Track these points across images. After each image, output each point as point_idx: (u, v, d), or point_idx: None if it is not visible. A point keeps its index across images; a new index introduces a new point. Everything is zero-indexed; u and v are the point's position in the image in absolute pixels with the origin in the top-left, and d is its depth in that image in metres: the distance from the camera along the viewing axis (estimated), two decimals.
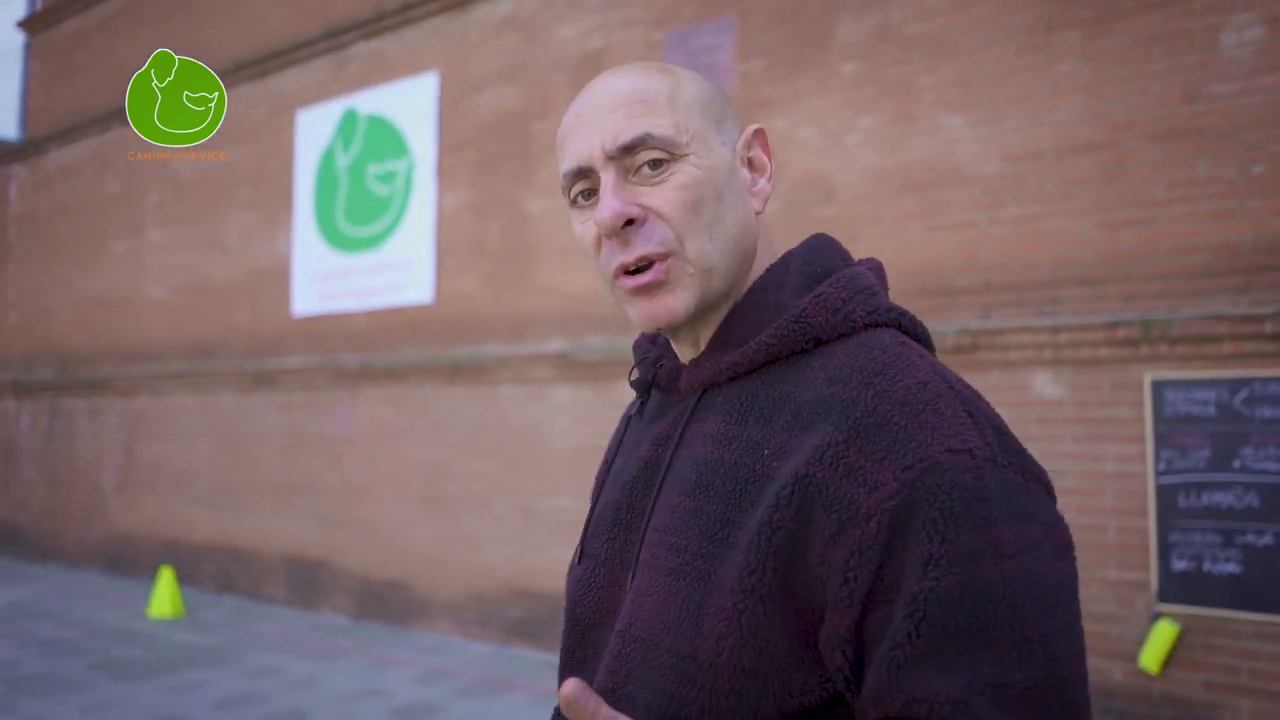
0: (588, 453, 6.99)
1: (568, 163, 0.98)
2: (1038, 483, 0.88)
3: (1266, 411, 4.55)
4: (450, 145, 8.23)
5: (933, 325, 5.64)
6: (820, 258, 1.03)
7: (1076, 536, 3.85)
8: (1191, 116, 5.06)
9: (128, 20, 11.54)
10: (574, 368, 7.06)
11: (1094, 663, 5.00)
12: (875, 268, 1.07)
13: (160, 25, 11.07)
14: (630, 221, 0.94)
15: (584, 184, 0.98)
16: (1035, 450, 3.73)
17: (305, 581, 8.71)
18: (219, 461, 9.62)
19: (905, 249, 5.87)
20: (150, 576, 10.07)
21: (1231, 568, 4.60)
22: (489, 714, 5.74)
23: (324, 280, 9.13)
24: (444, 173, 8.27)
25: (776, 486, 0.87)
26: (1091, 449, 5.06)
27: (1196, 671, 4.74)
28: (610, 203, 0.94)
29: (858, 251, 4.67)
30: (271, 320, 9.46)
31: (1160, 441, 4.81)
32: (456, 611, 7.62)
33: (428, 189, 8.39)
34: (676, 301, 0.96)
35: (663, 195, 0.95)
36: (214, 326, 9.99)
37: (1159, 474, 4.81)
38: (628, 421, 1.14)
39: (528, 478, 7.28)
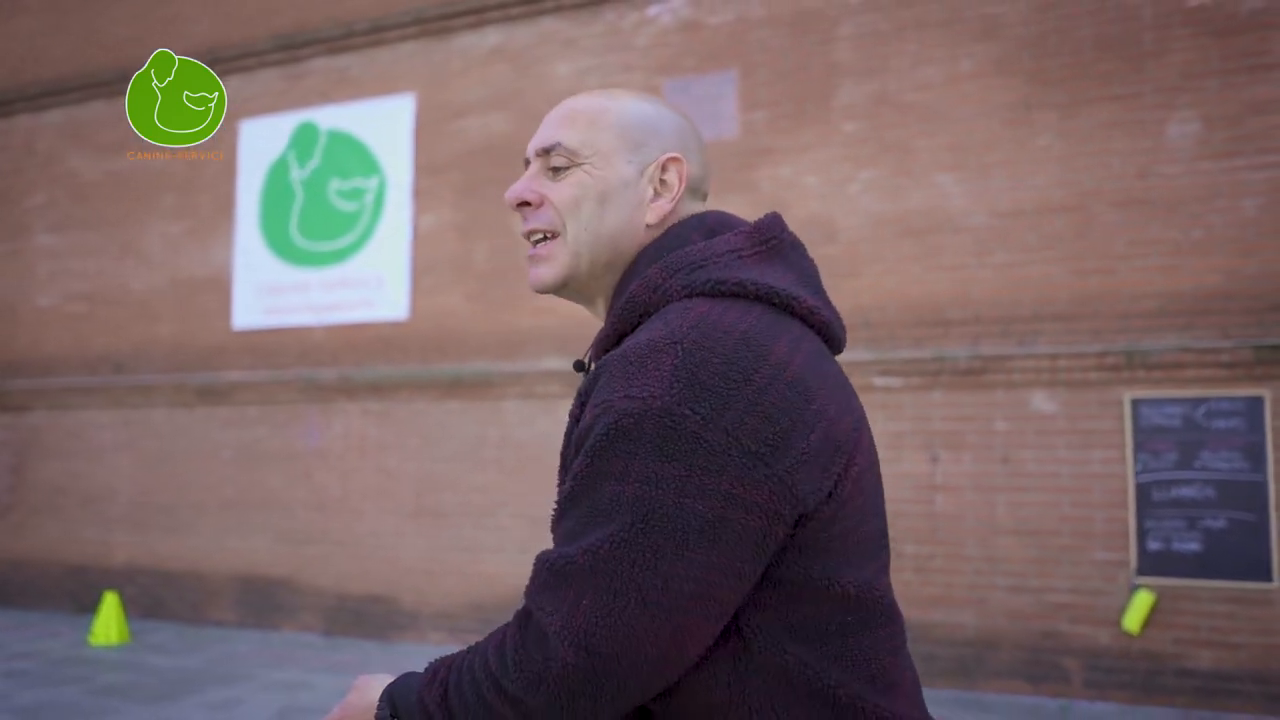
0: None
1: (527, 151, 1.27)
2: (724, 435, 0.97)
3: (1221, 423, 5.85)
4: (429, 167, 8.44)
5: (936, 351, 6.64)
6: (667, 242, 1.18)
7: (1068, 527, 5.44)
8: (1145, 189, 6.36)
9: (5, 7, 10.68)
10: None
11: (1085, 629, 6.13)
12: (764, 226, 1.17)
13: (50, 14, 10.35)
14: (527, 204, 1.22)
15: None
16: (1031, 456, 5.21)
17: (261, 601, 8.50)
18: (145, 480, 9.14)
19: (905, 286, 6.85)
20: (48, 605, 9.35)
21: (1194, 546, 5.86)
22: None
23: (272, 293, 8.99)
24: (421, 193, 8.45)
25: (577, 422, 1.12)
26: (1081, 455, 6.21)
27: (1166, 631, 5.96)
28: (516, 186, 1.22)
29: (860, 286, 5.82)
30: (205, 333, 9.15)
31: (1138, 447, 6.02)
32: (452, 621, 7.80)
33: (402, 207, 8.53)
34: (547, 273, 1.21)
35: (557, 190, 1.20)
36: (128, 338, 9.49)
37: (1137, 474, 6.02)
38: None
39: (534, 488, 7.63)
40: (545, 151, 1.21)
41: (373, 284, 8.59)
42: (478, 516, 7.81)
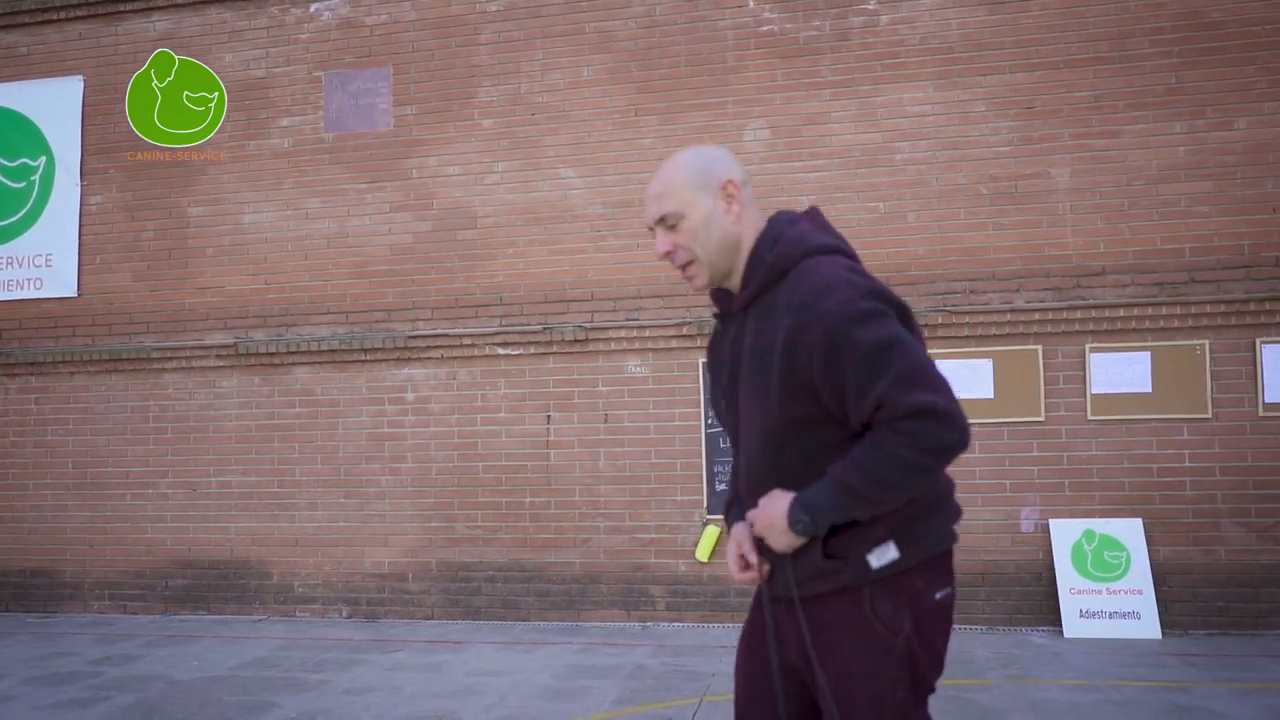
0: (256, 432, 7.91)
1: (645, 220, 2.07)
2: (891, 304, 1.86)
3: None
4: (98, 148, 8.59)
5: (554, 325, 7.50)
6: (775, 227, 2.00)
7: (656, 474, 6.98)
8: None
9: None
10: (243, 358, 7.94)
11: (668, 561, 7.14)
12: (812, 214, 2.06)
13: None
14: (669, 252, 2.03)
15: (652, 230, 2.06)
16: (627, 414, 6.57)
17: None
18: None
19: (532, 266, 7.68)
20: None
21: None
22: (181, 656, 6.52)
23: None
24: (90, 173, 8.60)
25: (779, 345, 1.86)
26: (666, 411, 7.22)
27: (724, 559, 7.03)
28: (658, 245, 2.03)
29: (496, 267, 7.02)
30: None
31: (707, 404, 7.07)
32: (114, 589, 8.03)
33: (70, 187, 8.64)
34: (700, 281, 2.04)
35: (679, 236, 2.01)
36: None
37: (708, 426, 7.08)
38: (716, 334, 2.17)
39: (194, 458, 7.98)
40: (659, 220, 2.01)
41: (41, 263, 8.65)
42: (138, 487, 8.08)
